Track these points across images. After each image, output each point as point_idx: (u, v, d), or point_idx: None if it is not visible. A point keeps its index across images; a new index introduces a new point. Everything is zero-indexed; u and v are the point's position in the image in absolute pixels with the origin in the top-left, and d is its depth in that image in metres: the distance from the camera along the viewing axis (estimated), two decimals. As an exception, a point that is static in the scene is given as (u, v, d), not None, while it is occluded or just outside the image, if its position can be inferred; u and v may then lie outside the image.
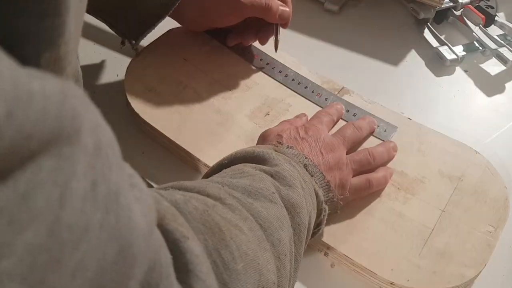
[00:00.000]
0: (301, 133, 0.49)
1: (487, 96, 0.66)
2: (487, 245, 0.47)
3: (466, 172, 0.52)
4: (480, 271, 0.46)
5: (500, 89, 0.67)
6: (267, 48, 0.62)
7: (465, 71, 0.68)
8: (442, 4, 0.69)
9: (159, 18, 0.54)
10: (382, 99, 0.62)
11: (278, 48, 0.61)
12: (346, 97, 0.59)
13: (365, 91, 0.61)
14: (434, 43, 0.70)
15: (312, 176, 0.44)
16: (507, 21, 0.72)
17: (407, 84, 0.66)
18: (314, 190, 0.43)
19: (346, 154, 0.50)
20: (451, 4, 0.72)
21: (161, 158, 0.55)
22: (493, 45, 0.67)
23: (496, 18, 0.72)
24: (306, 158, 0.45)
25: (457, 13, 0.73)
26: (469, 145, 0.59)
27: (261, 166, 0.40)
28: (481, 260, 0.46)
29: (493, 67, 0.69)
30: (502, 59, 0.66)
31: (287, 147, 0.46)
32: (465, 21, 0.71)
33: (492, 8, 0.72)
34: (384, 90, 0.65)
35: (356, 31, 0.72)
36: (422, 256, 0.46)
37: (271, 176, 0.39)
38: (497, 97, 0.66)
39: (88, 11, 0.51)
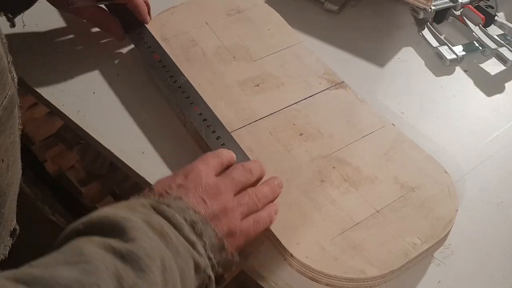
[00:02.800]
0: (178, 180, 0.44)
1: (486, 96, 0.66)
2: (404, 254, 0.46)
3: (422, 185, 0.51)
4: (385, 274, 0.45)
5: (500, 89, 0.67)
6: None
7: (465, 71, 0.68)
8: (430, 5, 0.69)
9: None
10: (382, 99, 0.63)
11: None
12: (342, 92, 0.59)
13: (364, 90, 0.61)
14: (434, 43, 0.70)
15: (201, 235, 0.40)
16: (507, 21, 0.72)
17: (407, 84, 0.66)
18: (194, 260, 0.38)
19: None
20: (451, 4, 0.72)
21: (161, 158, 0.55)
22: (493, 45, 0.67)
23: (496, 18, 0.72)
24: (195, 213, 0.40)
25: (457, 13, 0.73)
26: (469, 145, 0.60)
27: (112, 243, 0.34)
28: (389, 264, 0.45)
29: (492, 67, 0.69)
30: (502, 59, 0.66)
31: (175, 199, 0.41)
32: (465, 21, 0.71)
33: (492, 8, 0.72)
34: (384, 89, 0.65)
35: (355, 31, 0.72)
36: (333, 242, 0.46)
37: (121, 257, 0.33)
38: (497, 97, 0.66)
39: None
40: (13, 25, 0.57)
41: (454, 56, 0.67)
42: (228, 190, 0.45)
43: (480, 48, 0.70)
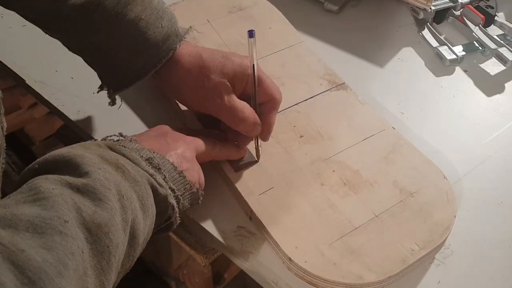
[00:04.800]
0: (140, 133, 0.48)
1: (487, 96, 0.66)
2: (402, 260, 0.46)
3: (421, 190, 0.51)
4: (382, 280, 0.45)
5: (500, 89, 0.67)
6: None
7: (465, 71, 0.68)
8: (429, 5, 0.69)
9: (136, 80, 0.51)
10: (382, 99, 0.63)
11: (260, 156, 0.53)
12: (343, 94, 0.59)
13: (364, 90, 0.61)
14: (434, 43, 0.70)
15: (159, 169, 0.42)
16: (507, 21, 0.72)
17: (407, 84, 0.66)
18: (152, 186, 0.40)
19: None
20: (451, 4, 0.72)
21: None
22: (492, 45, 0.67)
23: (496, 18, 0.72)
24: (151, 151, 0.43)
25: (457, 13, 0.73)
26: (469, 145, 0.59)
27: (67, 179, 0.36)
28: (387, 270, 0.45)
29: (492, 67, 0.69)
30: (502, 59, 0.66)
31: (130, 141, 0.43)
32: (464, 21, 0.71)
33: (492, 8, 0.72)
34: (384, 90, 0.65)
35: (355, 31, 0.72)
36: (331, 246, 0.46)
37: (78, 191, 0.35)
38: (497, 97, 0.66)
39: (73, 50, 0.52)
40: (113, 102, 0.54)
41: (454, 56, 0.67)
42: (183, 137, 0.48)
43: (480, 48, 0.70)
